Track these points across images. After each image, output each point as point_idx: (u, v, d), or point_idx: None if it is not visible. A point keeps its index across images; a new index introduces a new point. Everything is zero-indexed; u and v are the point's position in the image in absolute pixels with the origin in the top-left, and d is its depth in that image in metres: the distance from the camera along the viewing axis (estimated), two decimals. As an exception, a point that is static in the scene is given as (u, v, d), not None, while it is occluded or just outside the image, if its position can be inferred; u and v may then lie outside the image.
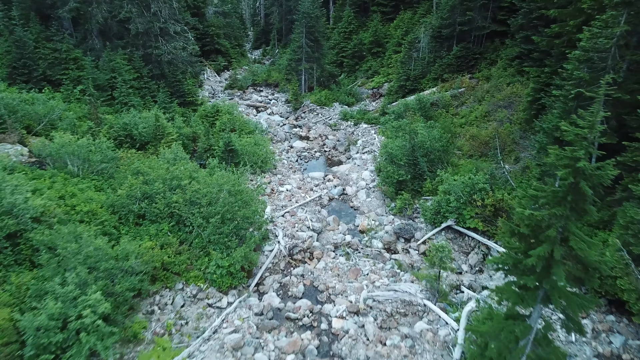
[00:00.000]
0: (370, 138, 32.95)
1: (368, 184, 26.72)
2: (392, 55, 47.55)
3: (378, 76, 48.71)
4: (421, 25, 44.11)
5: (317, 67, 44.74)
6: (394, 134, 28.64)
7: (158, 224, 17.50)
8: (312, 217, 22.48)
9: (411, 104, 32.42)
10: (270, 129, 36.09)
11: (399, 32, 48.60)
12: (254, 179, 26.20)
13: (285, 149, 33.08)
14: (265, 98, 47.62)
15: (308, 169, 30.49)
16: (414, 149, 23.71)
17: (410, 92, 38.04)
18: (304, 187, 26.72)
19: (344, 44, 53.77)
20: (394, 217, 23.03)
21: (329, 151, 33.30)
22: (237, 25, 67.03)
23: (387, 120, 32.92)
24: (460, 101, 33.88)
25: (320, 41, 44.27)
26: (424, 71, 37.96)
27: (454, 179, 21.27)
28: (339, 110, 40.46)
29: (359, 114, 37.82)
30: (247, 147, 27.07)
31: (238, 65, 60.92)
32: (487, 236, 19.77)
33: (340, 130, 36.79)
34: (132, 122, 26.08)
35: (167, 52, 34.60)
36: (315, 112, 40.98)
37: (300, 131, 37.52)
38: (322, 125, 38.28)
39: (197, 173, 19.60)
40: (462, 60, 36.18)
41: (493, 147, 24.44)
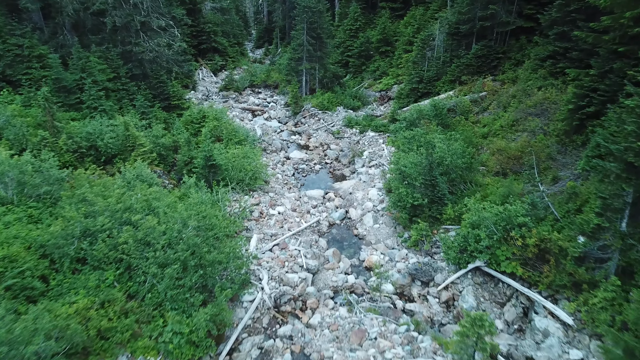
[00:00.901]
0: (378, 149, 28.57)
1: (376, 206, 22.36)
2: (403, 55, 43.14)
3: (386, 77, 44.35)
4: (436, 21, 39.67)
5: (320, 67, 40.41)
6: (406, 146, 24.23)
7: (101, 271, 13.25)
8: (307, 252, 18.12)
9: (425, 109, 28.00)
10: (265, 136, 31.77)
11: (410, 29, 44.17)
12: (240, 199, 21.92)
13: (281, 160, 28.76)
14: (263, 101, 43.36)
15: (306, 185, 26.17)
16: (431, 167, 19.32)
17: (423, 96, 33.62)
18: (300, 208, 22.40)
19: (349, 43, 49.39)
20: (408, 252, 18.64)
21: (331, 163, 28.96)
22: (236, 22, 62.78)
23: (398, 128, 28.53)
24: (482, 107, 29.43)
25: (323, 39, 39.91)
26: (439, 72, 33.50)
27: (483, 206, 16.88)
28: (343, 116, 36.11)
29: (366, 120, 33.42)
30: (233, 161, 22.79)
31: (237, 64, 56.72)
32: (528, 284, 15.39)
33: (344, 138, 32.42)
34: (97, 131, 21.89)
35: (150, 49, 30.41)
36: (316, 117, 36.66)
37: (299, 139, 33.22)
38: (324, 132, 33.93)
39: (159, 201, 15.31)
40: (483, 60, 31.69)
41: (529, 166, 19.96)
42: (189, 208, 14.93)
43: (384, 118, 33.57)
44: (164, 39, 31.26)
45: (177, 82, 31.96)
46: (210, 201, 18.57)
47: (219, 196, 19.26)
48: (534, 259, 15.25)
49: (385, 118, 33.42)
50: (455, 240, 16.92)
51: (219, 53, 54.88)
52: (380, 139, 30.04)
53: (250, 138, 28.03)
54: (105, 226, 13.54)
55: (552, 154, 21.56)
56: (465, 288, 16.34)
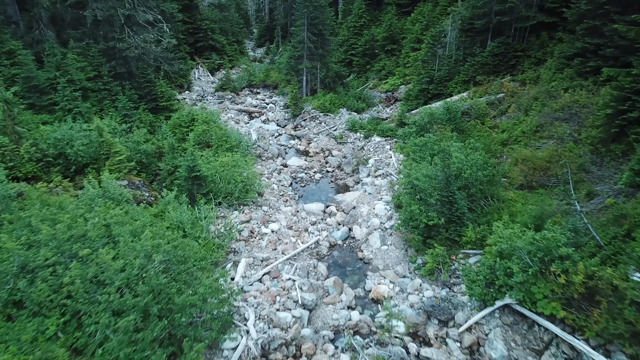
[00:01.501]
0: (385, 156, 25.74)
1: (383, 223, 19.55)
2: (410, 54, 40.32)
3: (393, 77, 41.55)
4: (447, 16, 36.84)
5: (322, 66, 37.61)
6: (417, 155, 21.40)
7: (43, 318, 10.51)
8: (303, 283, 15.29)
9: (437, 113, 25.17)
10: (260, 141, 28.96)
11: (418, 26, 41.36)
12: (228, 215, 19.16)
13: (277, 168, 25.94)
14: (261, 102, 40.58)
15: (305, 196, 23.38)
16: (448, 181, 16.50)
17: (433, 98, 30.79)
18: (297, 225, 19.60)
19: (353, 41, 46.62)
20: (422, 282, 15.81)
21: (333, 172, 26.14)
22: (235, 19, 60.03)
23: (407, 133, 25.71)
24: (499, 110, 26.58)
25: (326, 35, 37.10)
26: (451, 72, 30.65)
27: (512, 231, 14.04)
28: (346, 119, 33.28)
29: (371, 123, 30.58)
30: (221, 171, 20.01)
31: (236, 63, 53.99)
32: (572, 328, 12.57)
33: (348, 144, 29.59)
34: (67, 137, 19.18)
35: (135, 45, 27.69)
36: (317, 120, 33.85)
37: (298, 144, 30.42)
38: (325, 136, 31.11)
39: (124, 226, 12.53)
40: (500, 59, 28.83)
41: (561, 179, 17.02)
42: (156, 236, 12.14)
43: (391, 121, 30.73)
44: (152, 35, 28.53)
45: (166, 82, 29.25)
46: (190, 221, 15.81)
47: (202, 214, 16.49)
48: (580, 300, 12.44)
49: (392, 121, 30.58)
50: (480, 272, 14.08)
51: (216, 51, 52.16)
52: (387, 145, 27.21)
53: (243, 144, 25.25)
54: (49, 260, 10.79)
55: (586, 165, 18.74)
56: (493, 330, 13.52)
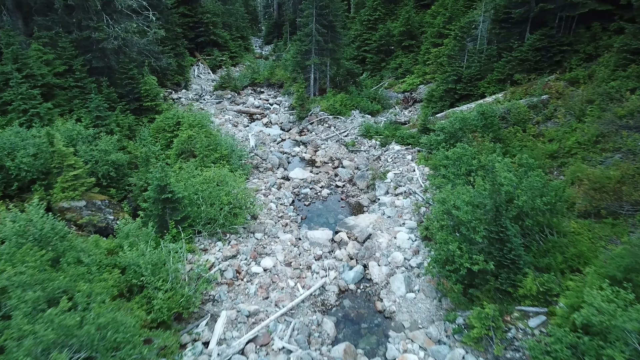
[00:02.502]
0: (406, 169, 21.30)
1: (408, 259, 15.20)
2: (431, 50, 35.83)
3: (411, 76, 37.11)
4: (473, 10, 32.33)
5: (332, 62, 33.27)
6: (450, 171, 16.97)
7: None
8: (302, 356, 10.98)
9: (470, 118, 20.73)
10: (259, 149, 24.63)
11: (440, 19, 36.83)
12: (210, 248, 14.95)
13: (277, 182, 21.61)
14: (263, 102, 36.34)
15: (309, 218, 19.08)
16: (499, 212, 12.12)
17: (462, 99, 26.32)
18: (297, 261, 15.28)
19: (367, 36, 42.25)
20: (466, 353, 11.41)
21: (343, 187, 21.78)
22: (240, 13, 55.88)
23: (433, 142, 21.28)
24: (544, 114, 22.06)
25: (337, 27, 32.74)
26: (483, 69, 26.11)
27: (604, 295, 9.61)
28: (359, 122, 28.89)
29: (388, 128, 26.12)
30: (203, 190, 15.76)
31: (240, 60, 49.88)
32: None
33: (361, 152, 25.18)
34: (8, 146, 15.11)
35: (115, 36, 23.59)
36: (326, 124, 29.51)
37: (303, 151, 26.09)
38: (335, 143, 26.75)
39: (25, 292, 8.31)
40: (542, 54, 24.24)
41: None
42: (77, 304, 7.93)
43: (412, 126, 26.26)
44: (135, 24, 24.39)
45: (155, 79, 25.09)
46: (152, 262, 11.59)
47: (169, 252, 12.23)
48: None
49: (413, 126, 26.11)
50: (556, 354, 9.66)
51: (218, 47, 48.04)
52: (409, 155, 22.77)
53: (236, 152, 20.99)
54: None
55: (672, 189, 14.32)
56: None
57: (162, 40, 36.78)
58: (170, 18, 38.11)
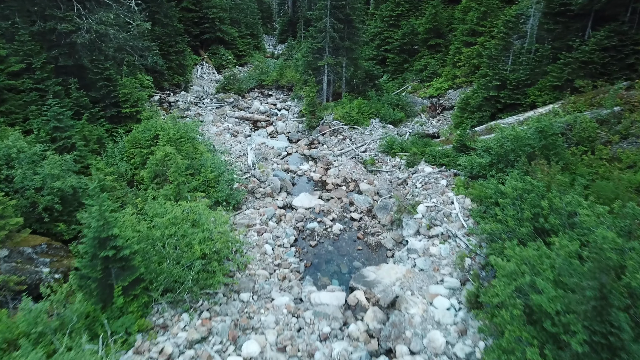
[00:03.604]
0: (441, 200, 16.48)
1: (451, 345, 10.52)
2: (462, 49, 30.92)
3: (438, 80, 32.29)
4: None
5: (348, 63, 28.63)
6: (510, 214, 12.19)
7: None
8: None
9: (525, 136, 15.88)
10: (257, 168, 20.03)
11: (473, 15, 31.85)
12: (172, 324, 10.47)
13: (276, 214, 16.99)
14: (270, 107, 31.84)
15: (314, 266, 14.50)
16: (606, 301, 7.42)
17: (506, 109, 21.46)
18: (295, 344, 10.68)
19: (388, 34, 37.43)
20: None
21: (360, 220, 17.12)
22: (250, 9, 51.53)
23: (476, 165, 16.51)
24: (616, 131, 17.14)
25: (355, 23, 28.07)
26: (534, 73, 21.21)
27: None
28: (379, 134, 24.20)
29: (416, 144, 21.32)
30: (169, 237, 11.27)
31: (248, 60, 45.53)
32: None
33: (382, 173, 20.48)
34: None
35: (87, 28, 19.31)
36: (340, 135, 24.90)
37: (312, 169, 21.50)
38: (351, 160, 22.10)
39: None
40: (612, 55, 19.27)
41: None
42: None
43: (445, 142, 21.41)
44: (112, 15, 20.08)
45: (130, 80, 20.73)
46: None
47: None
48: None
49: (447, 142, 21.27)
50: None
51: (225, 45, 43.76)
52: (443, 180, 17.98)
53: (227, 175, 16.46)
54: None
55: None
56: None
57: (160, 36, 32.68)
58: (169, 12, 33.93)
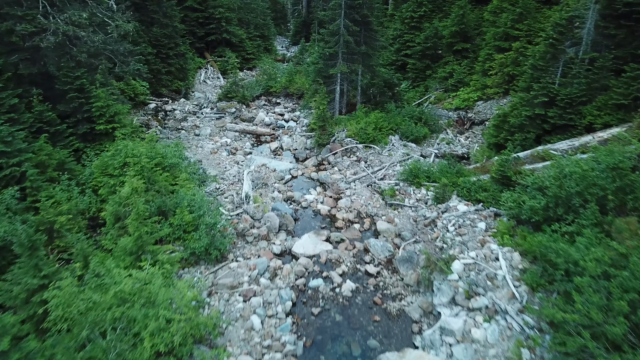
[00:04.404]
0: (483, 254, 12.71)
1: None
2: (495, 56, 27.00)
3: (466, 89, 28.45)
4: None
5: (365, 70, 24.97)
6: (593, 310, 8.49)
7: None
8: None
9: (593, 175, 12.04)
10: (253, 200, 16.41)
11: (506, 17, 27.89)
12: None
13: (270, 267, 13.31)
14: (277, 118, 28.34)
15: (315, 345, 10.90)
16: None
17: (556, 131, 17.57)
18: None
19: (408, 37, 33.63)
20: None
21: (377, 275, 13.39)
22: (261, 9, 48.11)
23: (526, 209, 12.73)
24: None
25: (372, 25, 24.38)
26: (592, 88, 17.31)
27: None
28: (399, 155, 20.50)
29: (445, 172, 17.48)
30: (112, 322, 7.82)
31: (257, 63, 42.08)
32: None
33: (404, 208, 16.79)
34: None
35: (54, 29, 16.02)
36: (354, 156, 21.26)
37: (319, 199, 17.85)
38: (366, 188, 18.42)
39: None
40: (694, 68, 15.34)
41: None
42: None
43: (480, 169, 17.51)
44: (85, 14, 16.72)
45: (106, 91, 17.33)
46: None
47: None
48: None
49: (482, 169, 17.41)
50: None
51: (232, 47, 40.39)
52: (481, 221, 14.20)
53: (209, 217, 12.94)
54: None
55: None
56: None
57: (158, 38, 29.46)
58: (168, 11, 30.68)
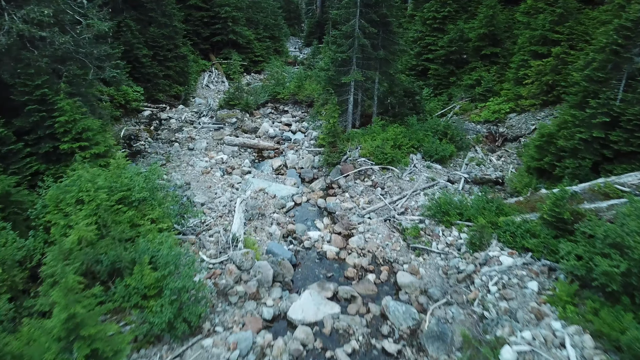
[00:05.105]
0: (540, 334, 9.35)
1: None
2: (530, 62, 23.50)
3: (496, 99, 25.04)
4: None
5: (382, 77, 21.68)
6: None
7: None
8: None
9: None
10: (242, 241, 13.22)
11: (544, 18, 24.31)
12: None
13: (257, 343, 9.96)
14: (283, 130, 25.21)
15: None
16: None
17: (620, 159, 14.06)
18: None
19: (430, 39, 30.26)
20: None
21: (398, 356, 10.15)
22: (271, 8, 45.04)
23: (599, 273, 9.38)
24: None
25: (392, 26, 21.06)
26: (668, 107, 13.82)
27: None
28: (422, 179, 17.19)
29: (480, 207, 14.12)
30: None
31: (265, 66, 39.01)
32: None
33: (431, 255, 13.40)
34: None
35: (7, 29, 13.10)
36: (369, 180, 17.99)
37: (326, 236, 14.56)
38: (384, 224, 15.11)
39: None
40: None
41: None
42: None
43: (525, 204, 14.07)
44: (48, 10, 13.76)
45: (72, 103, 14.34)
46: None
47: None
48: None
49: (527, 204, 13.98)
50: None
51: (238, 49, 37.40)
52: (532, 281, 10.83)
53: (176, 282, 9.78)
54: None
55: None
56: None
57: (156, 38, 26.59)
58: (167, 9, 27.80)
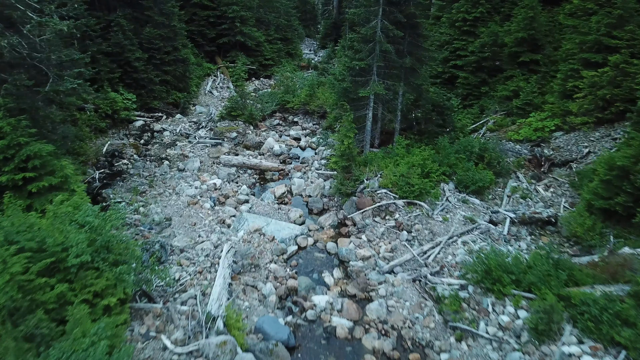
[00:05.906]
0: None
1: None
2: (582, 72, 19.79)
3: (537, 114, 21.36)
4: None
5: (407, 89, 18.19)
6: None
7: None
8: None
9: None
10: (226, 315, 9.83)
11: (599, 21, 20.53)
12: None
13: None
14: (291, 145, 21.89)
15: None
16: None
17: None
18: None
19: (459, 44, 26.66)
20: None
21: None
22: (284, 8, 41.74)
23: None
24: None
25: (421, 29, 17.53)
26: None
27: None
28: (458, 219, 13.75)
29: (543, 273, 10.53)
30: None
31: (275, 70, 35.75)
32: None
33: (478, 340, 9.93)
34: None
35: None
36: (391, 218, 14.58)
37: (335, 304, 11.12)
38: (412, 285, 11.68)
39: None
40: None
41: None
42: None
43: (602, 269, 10.52)
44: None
45: (11, 122, 11.20)
46: None
47: None
48: None
49: (604, 270, 10.45)
50: None
51: (247, 51, 34.20)
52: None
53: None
54: None
55: None
56: None
57: (151, 40, 23.54)
58: (165, 7, 24.74)
